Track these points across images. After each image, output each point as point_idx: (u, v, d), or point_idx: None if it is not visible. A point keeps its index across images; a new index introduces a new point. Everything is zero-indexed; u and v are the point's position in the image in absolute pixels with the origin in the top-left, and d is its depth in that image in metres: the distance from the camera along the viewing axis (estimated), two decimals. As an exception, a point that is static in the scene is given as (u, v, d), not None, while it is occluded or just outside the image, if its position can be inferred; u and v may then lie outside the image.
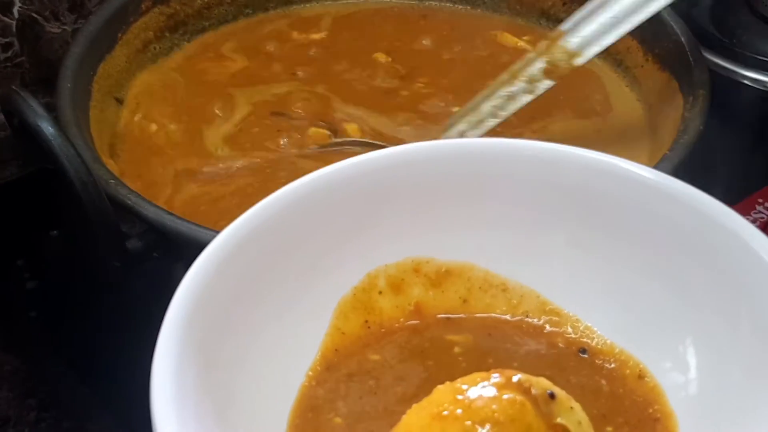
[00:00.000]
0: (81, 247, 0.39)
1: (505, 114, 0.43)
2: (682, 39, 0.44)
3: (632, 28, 0.41)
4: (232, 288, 0.27)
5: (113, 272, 0.37)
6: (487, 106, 0.43)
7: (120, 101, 0.47)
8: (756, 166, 0.48)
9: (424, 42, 0.53)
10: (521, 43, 0.52)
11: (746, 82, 0.47)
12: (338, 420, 0.29)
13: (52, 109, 0.37)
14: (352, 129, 0.46)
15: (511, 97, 0.42)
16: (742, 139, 0.46)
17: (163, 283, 0.34)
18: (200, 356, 0.25)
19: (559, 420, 0.24)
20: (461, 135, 0.44)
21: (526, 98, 0.42)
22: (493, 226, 0.32)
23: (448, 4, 0.56)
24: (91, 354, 0.46)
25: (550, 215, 0.31)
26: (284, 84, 0.49)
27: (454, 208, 0.32)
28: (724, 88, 0.43)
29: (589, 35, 0.41)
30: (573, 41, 0.41)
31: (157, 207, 0.36)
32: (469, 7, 0.56)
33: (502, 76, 0.43)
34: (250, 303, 0.28)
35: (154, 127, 0.45)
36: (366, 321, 0.32)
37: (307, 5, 0.54)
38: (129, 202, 0.36)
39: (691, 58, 0.43)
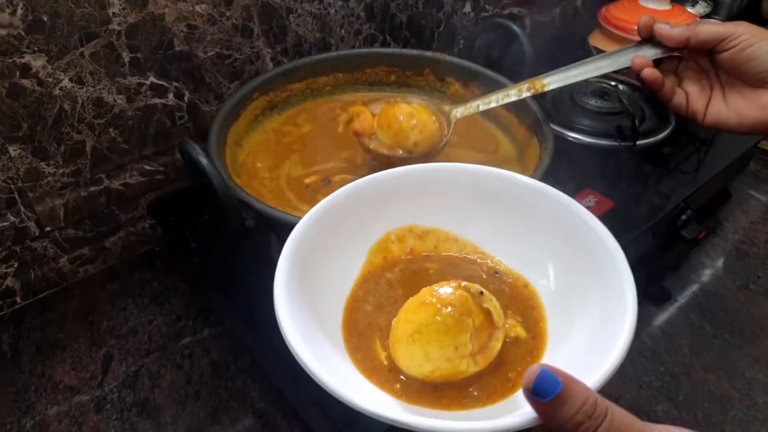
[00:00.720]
0: (220, 224, 0.53)
1: (501, 102, 0.62)
2: (539, 115, 0.63)
3: (571, 83, 0.59)
4: (315, 237, 0.40)
5: (237, 239, 0.53)
6: (494, 96, 0.62)
7: (241, 146, 0.65)
8: (583, 178, 0.68)
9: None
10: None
11: (570, 138, 0.70)
12: (369, 307, 0.42)
13: (205, 151, 0.53)
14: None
15: (507, 95, 0.61)
16: (570, 163, 0.66)
17: (266, 245, 0.54)
18: (299, 269, 0.37)
19: (485, 305, 0.37)
20: (477, 108, 0.62)
21: (514, 98, 0.61)
22: (450, 208, 0.46)
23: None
24: (229, 282, 0.61)
25: (478, 202, 0.45)
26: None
27: (431, 199, 0.46)
28: (559, 142, 0.62)
29: (554, 80, 0.60)
30: (545, 80, 0.60)
31: (261, 202, 0.52)
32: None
33: (508, 87, 0.62)
34: (326, 246, 0.41)
35: (258, 164, 0.63)
36: (384, 257, 0.45)
37: (345, 95, 0.74)
38: (246, 200, 0.52)
39: (543, 125, 0.63)
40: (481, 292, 0.36)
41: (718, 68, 0.56)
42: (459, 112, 0.62)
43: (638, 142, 0.71)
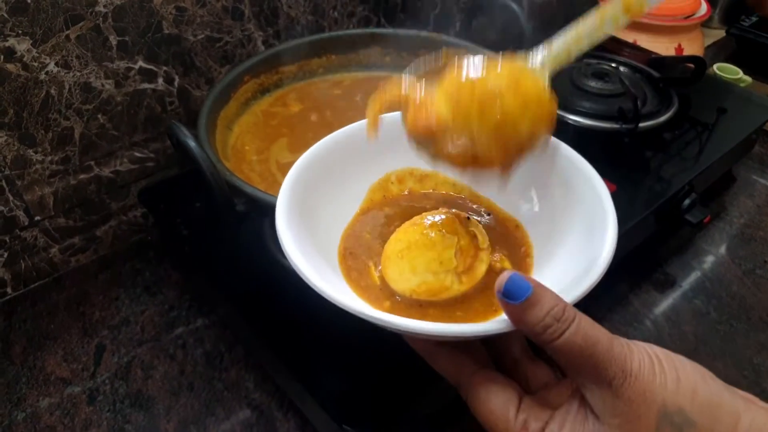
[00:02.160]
0: (212, 210, 0.52)
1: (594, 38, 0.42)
2: None
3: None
4: (316, 172, 0.41)
5: (229, 224, 0.53)
6: (585, 32, 0.42)
7: (231, 130, 0.63)
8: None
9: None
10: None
11: (570, 121, 0.69)
12: (366, 235, 0.44)
13: (194, 135, 0.51)
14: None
15: (599, 28, 0.40)
16: (575, 147, 0.60)
17: (256, 229, 0.53)
18: (299, 203, 0.39)
19: (471, 228, 0.39)
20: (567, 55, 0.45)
21: (610, 30, 0.40)
22: None
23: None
24: (222, 271, 0.60)
25: None
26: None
27: None
28: (559, 125, 0.58)
29: None
30: None
31: (252, 186, 0.50)
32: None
33: (585, 22, 0.41)
34: (326, 181, 0.42)
35: (247, 147, 0.62)
36: (383, 195, 0.47)
37: (337, 74, 0.72)
38: (236, 184, 0.50)
39: None
40: (468, 218, 0.40)
41: None
42: (543, 62, 0.37)
43: (640, 125, 0.70)
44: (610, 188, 0.64)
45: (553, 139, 0.42)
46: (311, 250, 0.37)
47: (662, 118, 0.72)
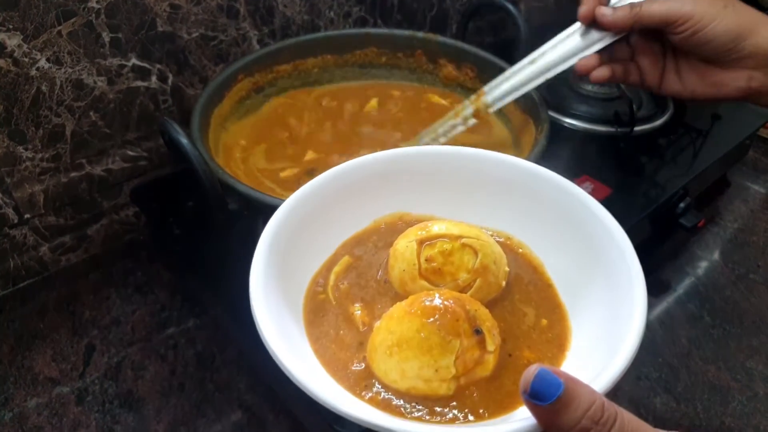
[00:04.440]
0: (204, 209, 0.52)
1: (449, 135, 0.61)
2: (535, 96, 0.60)
3: (521, 95, 0.57)
4: (297, 224, 0.38)
5: (221, 223, 0.52)
6: (440, 129, 0.61)
7: (225, 129, 0.63)
8: (580, 165, 0.67)
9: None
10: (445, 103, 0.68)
11: (566, 125, 0.69)
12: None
13: (188, 134, 0.50)
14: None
15: (453, 127, 0.61)
16: (567, 150, 0.65)
17: (249, 229, 0.51)
18: (277, 261, 0.35)
19: (479, 326, 0.32)
20: (425, 144, 0.57)
21: (461, 129, 0.61)
22: (443, 194, 0.43)
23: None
24: (215, 271, 0.60)
25: (475, 183, 0.43)
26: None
27: (424, 185, 0.43)
28: (556, 128, 0.60)
29: (498, 96, 0.58)
30: (489, 98, 0.59)
31: (245, 185, 0.50)
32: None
33: (449, 114, 0.60)
34: (309, 233, 0.39)
35: (241, 142, 0.62)
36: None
37: (326, 86, 0.72)
38: (229, 182, 0.50)
39: (539, 107, 0.60)
40: (478, 331, 0.32)
41: (668, 46, 0.54)
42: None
43: (636, 128, 0.70)
44: (605, 192, 0.65)
45: (574, 187, 0.39)
46: (289, 324, 0.34)
47: (657, 122, 0.72)
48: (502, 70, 0.60)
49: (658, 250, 0.74)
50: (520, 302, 0.38)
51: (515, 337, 0.36)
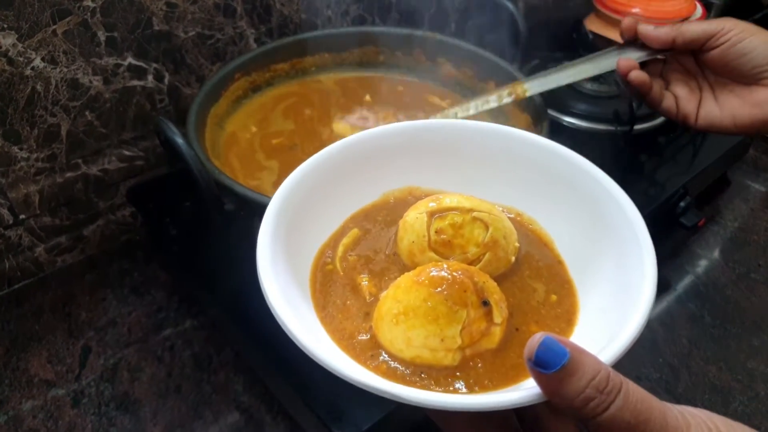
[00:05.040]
0: (200, 210, 0.52)
1: (480, 109, 0.61)
2: (535, 96, 0.60)
3: (553, 87, 0.58)
4: (302, 198, 0.36)
5: (218, 224, 0.52)
6: (472, 103, 0.61)
7: (222, 128, 0.63)
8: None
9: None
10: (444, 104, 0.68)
11: (566, 123, 0.69)
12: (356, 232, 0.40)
13: (184, 134, 0.50)
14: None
15: (486, 101, 0.60)
16: (571, 148, 0.60)
17: (246, 229, 0.50)
18: (283, 223, 0.35)
19: (486, 298, 0.32)
20: (455, 115, 0.60)
21: (494, 104, 0.60)
22: (454, 168, 0.42)
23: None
24: (211, 271, 0.59)
25: (487, 158, 0.42)
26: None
27: (433, 158, 0.42)
28: (555, 127, 0.61)
29: (534, 85, 0.59)
30: (525, 86, 0.58)
31: (241, 185, 0.49)
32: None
33: (488, 91, 0.61)
34: (314, 207, 0.38)
35: (247, 135, 0.61)
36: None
37: (320, 75, 0.72)
38: (226, 182, 0.50)
39: (539, 106, 0.60)
40: (485, 302, 0.32)
41: (706, 68, 0.55)
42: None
43: (635, 127, 0.69)
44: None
45: (586, 162, 0.39)
46: (296, 293, 0.33)
47: (657, 121, 0.72)
48: (500, 69, 0.59)
49: (658, 250, 0.73)
50: (530, 278, 0.38)
51: (523, 312, 0.35)
